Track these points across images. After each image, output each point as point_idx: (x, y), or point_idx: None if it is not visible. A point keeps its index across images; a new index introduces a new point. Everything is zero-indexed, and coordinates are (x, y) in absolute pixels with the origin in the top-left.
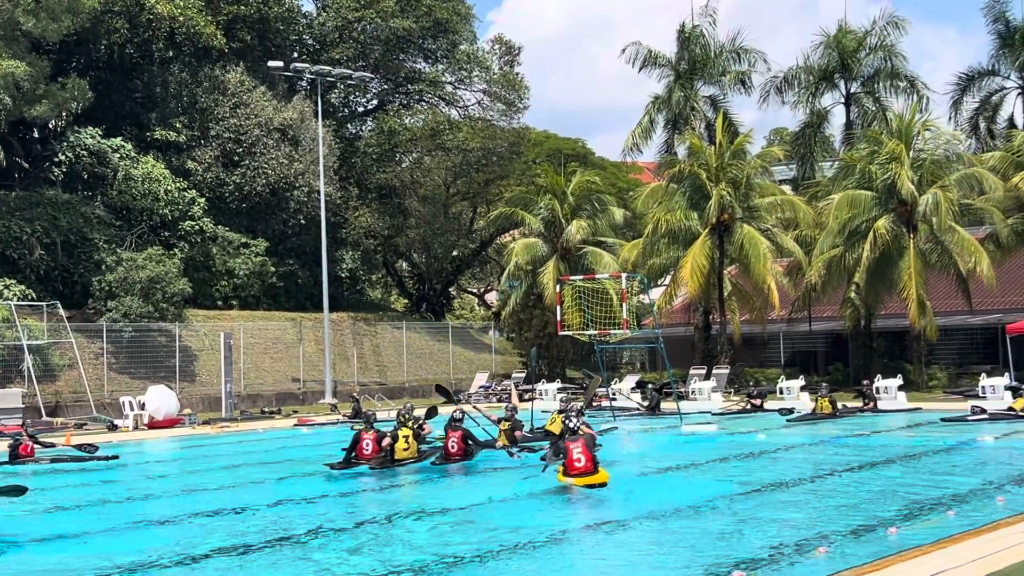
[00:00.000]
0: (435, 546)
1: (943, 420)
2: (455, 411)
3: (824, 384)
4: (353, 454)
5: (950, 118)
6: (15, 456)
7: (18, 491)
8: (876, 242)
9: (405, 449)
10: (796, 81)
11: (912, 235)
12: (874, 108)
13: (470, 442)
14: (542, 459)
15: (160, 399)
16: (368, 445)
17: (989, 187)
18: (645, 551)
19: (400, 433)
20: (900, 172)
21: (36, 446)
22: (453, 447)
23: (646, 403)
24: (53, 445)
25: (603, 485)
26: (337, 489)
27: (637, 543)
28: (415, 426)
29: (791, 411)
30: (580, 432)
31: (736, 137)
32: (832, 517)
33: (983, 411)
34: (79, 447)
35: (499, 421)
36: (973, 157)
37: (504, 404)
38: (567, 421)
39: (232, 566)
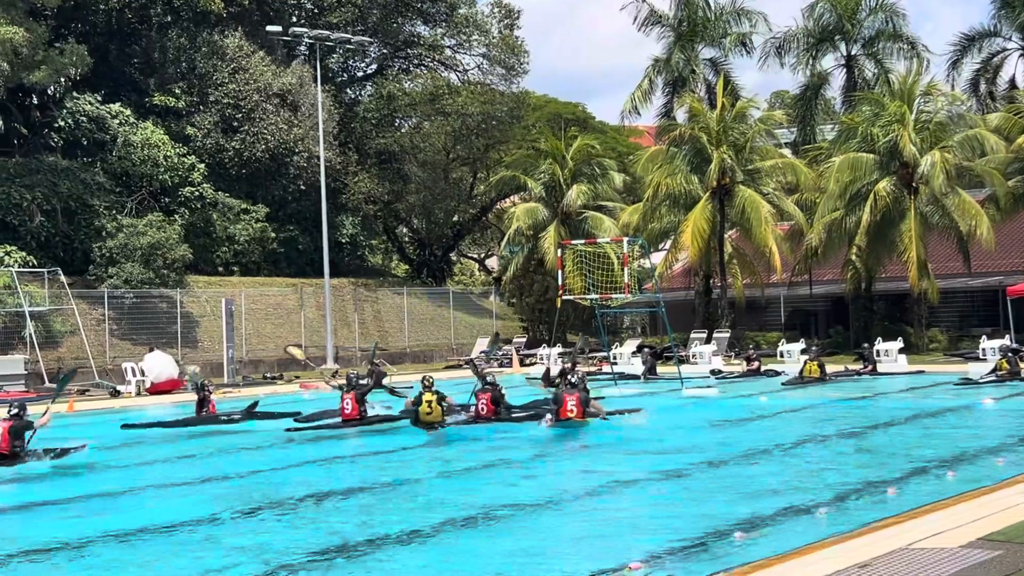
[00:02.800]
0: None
1: (956, 384)
2: (485, 375)
3: (813, 347)
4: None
5: (948, 79)
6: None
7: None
8: (876, 205)
9: (428, 413)
10: (795, 42)
11: (913, 197)
12: (875, 70)
13: (500, 406)
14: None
15: (159, 365)
16: (348, 405)
17: (991, 148)
18: (651, 510)
19: (424, 397)
20: (903, 134)
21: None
22: (483, 409)
23: (644, 367)
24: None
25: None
26: (316, 455)
27: (642, 503)
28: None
29: (777, 374)
30: (578, 387)
31: (737, 100)
32: (833, 479)
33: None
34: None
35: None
36: (976, 118)
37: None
38: (569, 376)
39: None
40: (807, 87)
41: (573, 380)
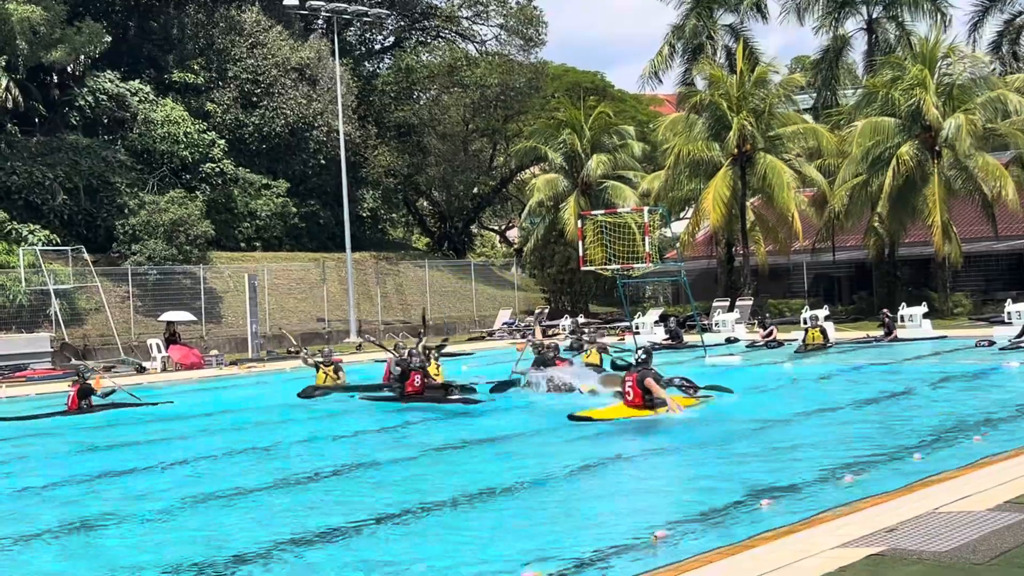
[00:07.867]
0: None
1: (1001, 349)
2: (548, 352)
3: (812, 315)
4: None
5: (970, 40)
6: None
7: None
8: (899, 169)
9: (437, 375)
10: (817, 5)
11: (936, 161)
12: (897, 33)
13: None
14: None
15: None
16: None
17: (1014, 109)
18: (676, 478)
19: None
20: (925, 97)
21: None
22: None
23: (668, 337)
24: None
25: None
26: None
27: (667, 471)
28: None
29: (780, 345)
30: (640, 368)
31: (756, 66)
32: (858, 444)
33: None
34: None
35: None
36: (998, 79)
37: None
38: (636, 356)
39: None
40: (828, 50)
41: (640, 357)
